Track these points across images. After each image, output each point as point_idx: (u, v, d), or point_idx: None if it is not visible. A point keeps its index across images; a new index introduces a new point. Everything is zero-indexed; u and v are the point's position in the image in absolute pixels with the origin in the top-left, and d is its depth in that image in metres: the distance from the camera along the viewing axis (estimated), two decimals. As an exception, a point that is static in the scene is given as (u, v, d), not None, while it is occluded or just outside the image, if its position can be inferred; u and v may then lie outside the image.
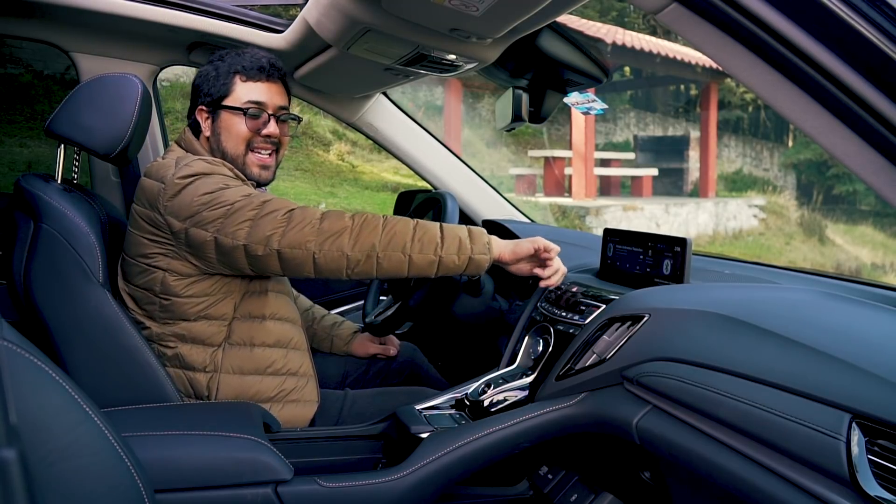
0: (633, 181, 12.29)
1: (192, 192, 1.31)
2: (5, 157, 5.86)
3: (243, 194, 1.31)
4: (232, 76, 1.46)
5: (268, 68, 1.47)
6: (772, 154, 15.70)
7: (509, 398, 1.40)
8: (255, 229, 1.27)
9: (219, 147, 1.46)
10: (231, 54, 1.48)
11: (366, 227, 1.27)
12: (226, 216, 1.28)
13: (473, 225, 2.25)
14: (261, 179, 1.49)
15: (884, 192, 0.81)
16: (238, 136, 1.45)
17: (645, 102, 15.60)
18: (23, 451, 0.59)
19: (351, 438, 1.43)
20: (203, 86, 1.47)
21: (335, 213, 1.29)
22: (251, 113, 1.45)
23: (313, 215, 1.28)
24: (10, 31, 1.85)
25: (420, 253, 1.28)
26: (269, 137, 1.47)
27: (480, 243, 1.33)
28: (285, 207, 1.29)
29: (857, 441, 0.79)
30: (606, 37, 10.70)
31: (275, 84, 1.48)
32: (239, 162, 1.46)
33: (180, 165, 1.36)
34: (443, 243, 1.30)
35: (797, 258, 11.09)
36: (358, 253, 1.26)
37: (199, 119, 1.49)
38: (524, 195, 10.72)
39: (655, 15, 0.91)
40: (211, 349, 1.41)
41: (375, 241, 1.26)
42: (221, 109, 1.46)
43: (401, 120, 2.22)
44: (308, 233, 1.25)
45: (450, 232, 1.31)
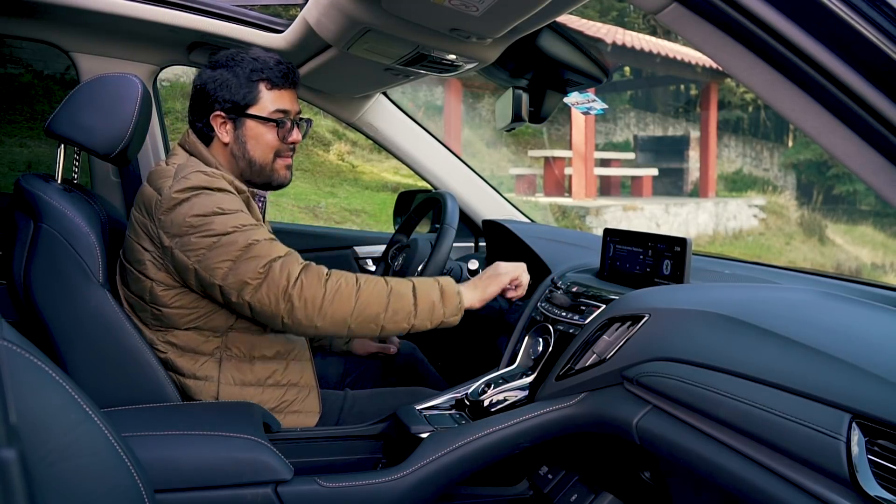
0: (633, 181, 12.29)
1: (186, 210, 1.29)
2: (5, 157, 5.86)
3: (233, 226, 1.29)
4: (256, 84, 1.42)
5: (291, 76, 1.45)
6: (772, 154, 15.70)
7: (509, 398, 1.40)
8: (232, 272, 1.27)
9: (244, 155, 1.44)
10: (246, 58, 1.43)
11: (339, 297, 1.26)
12: (209, 248, 1.28)
13: (474, 225, 2.27)
14: (286, 180, 1.49)
15: (884, 192, 0.81)
16: (267, 145, 1.44)
17: (645, 102, 15.60)
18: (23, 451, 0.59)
19: (351, 438, 1.43)
20: (220, 91, 1.41)
21: (313, 275, 1.27)
22: (281, 122, 1.43)
23: (290, 274, 1.26)
24: (10, 31, 1.85)
25: (392, 322, 1.30)
26: (294, 144, 1.48)
27: (452, 305, 1.35)
28: (267, 257, 1.27)
29: (857, 441, 0.79)
30: (606, 37, 10.69)
31: (294, 90, 1.48)
32: (267, 169, 1.45)
33: (179, 177, 1.34)
34: (416, 311, 1.31)
35: (797, 258, 11.08)
36: (328, 325, 1.27)
37: (213, 125, 1.43)
38: (524, 195, 10.72)
39: (655, 15, 0.91)
40: (203, 358, 1.40)
41: (347, 314, 1.27)
42: (247, 118, 1.42)
43: (401, 120, 2.22)
44: (280, 295, 1.25)
45: (423, 297, 1.32)
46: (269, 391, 1.43)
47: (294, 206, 7.83)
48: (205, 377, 1.40)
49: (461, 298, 1.36)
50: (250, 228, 1.30)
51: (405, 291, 1.31)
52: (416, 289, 1.33)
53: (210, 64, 1.45)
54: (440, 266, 1.52)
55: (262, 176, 1.46)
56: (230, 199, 1.33)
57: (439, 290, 1.34)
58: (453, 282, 1.38)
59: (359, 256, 2.33)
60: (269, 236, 1.32)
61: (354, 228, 7.38)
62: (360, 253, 2.33)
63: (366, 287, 1.29)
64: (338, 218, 8.05)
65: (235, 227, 1.29)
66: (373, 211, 8.39)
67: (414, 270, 1.60)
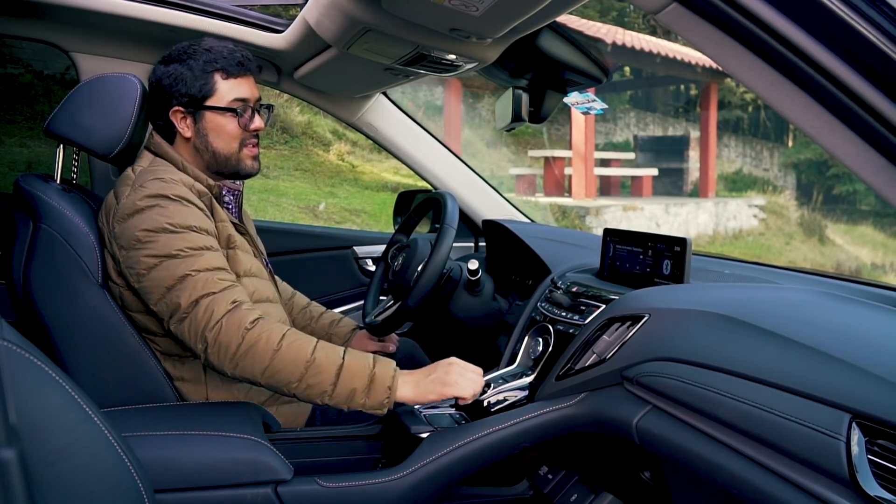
0: (633, 181, 12.29)
1: (136, 223, 1.28)
2: (5, 157, 5.86)
3: (177, 249, 1.26)
4: (211, 74, 1.40)
5: (245, 62, 1.43)
6: (772, 154, 15.70)
7: (509, 398, 1.40)
8: (164, 300, 1.26)
9: (207, 148, 1.42)
10: (199, 50, 1.41)
11: (253, 352, 1.21)
12: (149, 270, 1.26)
13: (474, 225, 2.26)
14: (254, 170, 1.47)
15: (884, 192, 0.81)
16: (229, 135, 1.42)
17: (645, 102, 15.60)
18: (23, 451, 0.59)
19: (351, 438, 1.43)
20: (176, 86, 1.39)
21: (233, 321, 1.22)
22: (239, 111, 1.42)
23: (213, 315, 1.22)
24: (10, 31, 1.84)
25: (304, 393, 1.24)
26: (256, 132, 1.46)
27: (377, 398, 1.24)
28: (198, 292, 1.24)
29: (857, 441, 0.79)
30: (606, 37, 10.70)
31: (251, 76, 1.46)
32: (233, 160, 1.44)
33: (136, 185, 1.32)
34: (332, 391, 1.22)
35: (797, 258, 11.08)
36: (240, 374, 1.24)
37: (173, 121, 1.41)
38: (524, 195, 10.72)
39: (655, 15, 0.91)
40: (187, 361, 1.40)
41: (258, 372, 1.22)
42: (206, 110, 1.41)
43: (401, 120, 2.22)
44: (198, 335, 1.23)
45: (346, 380, 1.23)
46: (257, 388, 1.43)
47: (294, 206, 7.83)
48: (192, 379, 1.40)
49: (391, 394, 1.24)
50: (194, 254, 1.27)
51: (328, 367, 1.23)
52: (342, 368, 1.23)
53: (163, 59, 1.43)
54: (440, 266, 1.52)
55: (229, 166, 1.44)
56: (184, 213, 1.30)
57: (368, 379, 1.24)
58: (391, 373, 1.26)
59: (359, 256, 2.33)
60: (211, 265, 1.27)
61: (354, 228, 7.38)
62: (359, 253, 2.33)
63: (286, 350, 1.22)
64: (338, 218, 8.05)
65: (179, 251, 1.26)
66: (373, 211, 8.39)
67: (414, 270, 1.59)
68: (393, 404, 1.26)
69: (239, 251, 1.41)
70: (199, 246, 1.28)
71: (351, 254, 2.32)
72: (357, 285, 2.31)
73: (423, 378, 1.29)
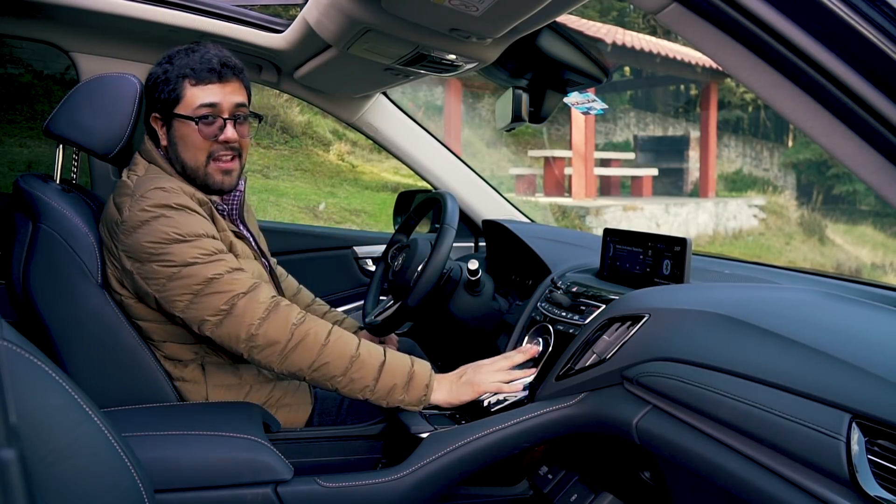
0: (633, 181, 12.29)
1: (144, 235, 1.25)
2: (5, 157, 5.86)
3: (193, 256, 1.24)
4: (181, 80, 1.33)
5: (218, 68, 1.34)
6: (772, 154, 15.70)
7: (509, 398, 1.40)
8: (192, 306, 1.24)
9: (177, 159, 1.37)
10: (181, 55, 1.35)
11: (301, 348, 1.24)
12: (169, 279, 1.25)
13: (474, 225, 2.26)
14: (224, 186, 1.39)
15: (884, 192, 0.81)
16: (195, 146, 1.34)
17: (645, 102, 15.60)
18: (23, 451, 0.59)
19: (351, 438, 1.43)
20: (153, 91, 1.35)
21: (280, 316, 1.23)
22: (204, 120, 1.33)
23: (254, 312, 1.22)
24: (10, 31, 1.85)
25: (347, 388, 1.27)
26: (227, 143, 1.36)
27: (415, 396, 1.29)
28: (230, 292, 1.23)
29: (857, 441, 0.79)
30: (606, 37, 10.70)
31: (229, 83, 1.36)
32: (200, 173, 1.36)
33: (137, 196, 1.28)
34: (374, 386, 1.27)
35: (797, 258, 11.08)
36: (285, 370, 1.26)
37: (154, 127, 1.38)
38: (524, 195, 10.72)
39: (655, 15, 0.91)
40: (187, 364, 1.40)
41: (305, 366, 1.25)
42: (174, 118, 1.35)
43: (401, 120, 2.22)
44: (241, 336, 1.23)
45: (387, 377, 1.27)
46: (256, 388, 1.43)
47: (294, 206, 7.83)
48: (192, 380, 1.40)
49: (428, 393, 1.30)
50: (211, 260, 1.25)
51: (371, 364, 1.27)
52: (384, 365, 1.27)
53: (157, 62, 1.39)
54: (440, 266, 1.52)
55: (197, 179, 1.37)
56: (190, 221, 1.27)
57: (407, 377, 1.29)
58: (428, 372, 1.31)
59: (359, 256, 2.33)
60: (232, 266, 1.27)
61: (354, 228, 7.38)
62: (359, 253, 2.33)
63: (333, 345, 1.25)
64: (338, 218, 8.05)
65: (196, 258, 1.24)
66: (373, 211, 8.39)
67: (414, 270, 1.59)
68: (426, 404, 1.31)
69: (241, 259, 1.39)
70: (214, 250, 1.27)
71: (351, 254, 2.32)
72: (357, 285, 2.31)
73: (455, 380, 1.35)
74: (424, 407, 1.32)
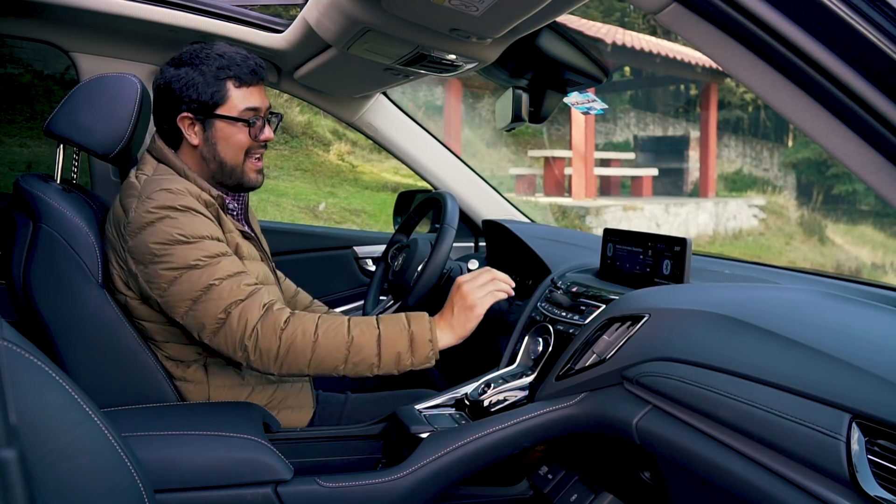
0: (633, 181, 12.29)
1: (149, 236, 1.26)
2: (5, 157, 5.86)
3: (195, 259, 1.25)
4: (224, 82, 1.36)
5: (259, 70, 1.39)
6: (772, 154, 15.70)
7: (509, 398, 1.40)
8: (192, 313, 1.25)
9: (215, 157, 1.39)
10: (211, 55, 1.36)
11: (294, 350, 1.23)
12: (171, 283, 1.25)
13: (474, 225, 2.26)
14: (256, 184, 1.44)
15: (884, 192, 0.81)
16: (238, 145, 1.39)
17: (645, 102, 15.59)
18: (23, 451, 0.59)
19: (351, 438, 1.43)
20: (186, 91, 1.35)
21: (269, 326, 1.23)
22: (251, 121, 1.38)
23: (247, 323, 1.23)
24: (10, 31, 1.85)
25: (353, 371, 1.27)
26: (265, 142, 1.43)
27: (422, 354, 1.28)
28: (227, 300, 1.23)
29: (857, 441, 0.79)
30: (606, 37, 10.70)
31: (263, 85, 1.42)
32: (238, 171, 1.41)
33: (143, 197, 1.29)
34: (379, 361, 1.27)
35: (797, 258, 11.08)
36: (286, 373, 1.27)
37: (181, 127, 1.37)
38: (524, 195, 10.71)
39: (655, 15, 0.91)
40: (190, 365, 1.40)
41: (303, 365, 1.25)
42: (216, 119, 1.37)
43: (401, 120, 2.22)
44: (237, 344, 1.24)
45: (388, 347, 1.27)
46: (259, 390, 1.43)
47: (294, 206, 7.83)
48: (194, 381, 1.40)
49: (434, 345, 1.29)
50: (212, 262, 1.26)
51: (368, 343, 1.26)
52: (381, 338, 1.27)
53: (173, 62, 1.38)
54: (440, 266, 1.52)
55: (233, 177, 1.41)
56: (195, 223, 1.28)
57: (408, 339, 1.28)
58: (427, 325, 1.30)
59: (359, 256, 2.33)
60: (232, 270, 1.27)
61: (354, 228, 7.38)
62: (360, 253, 2.33)
63: (324, 338, 1.25)
64: (338, 218, 8.05)
65: (197, 261, 1.25)
66: (373, 211, 8.39)
67: (414, 270, 1.59)
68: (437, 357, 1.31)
69: (246, 261, 1.39)
70: (216, 253, 1.27)
71: (351, 254, 2.32)
72: (357, 285, 2.31)
73: (451, 317, 1.33)
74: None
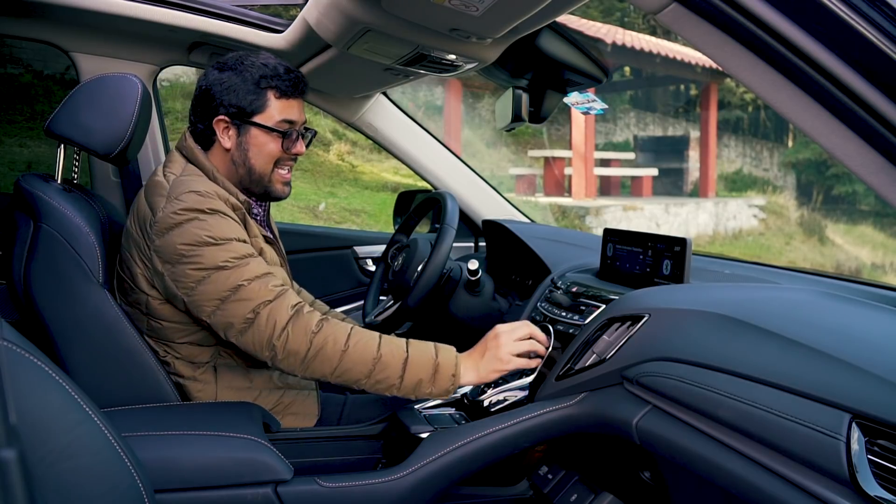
0: (633, 181, 12.29)
1: (177, 237, 1.26)
2: (5, 157, 5.86)
3: (223, 260, 1.25)
4: (265, 91, 1.37)
5: (300, 84, 1.40)
6: (772, 154, 15.70)
7: (509, 398, 1.40)
8: (219, 312, 1.26)
9: (245, 162, 1.39)
10: (256, 63, 1.38)
11: (322, 355, 1.24)
12: (199, 283, 1.26)
13: (474, 225, 2.26)
14: (283, 195, 1.45)
15: (884, 192, 0.81)
16: (269, 154, 1.39)
17: (645, 102, 15.59)
18: (23, 451, 0.59)
19: (351, 438, 1.43)
20: (226, 96, 1.36)
21: (300, 328, 1.24)
22: (286, 134, 1.39)
23: (277, 323, 1.23)
24: (10, 31, 1.85)
25: (373, 388, 1.28)
26: (296, 156, 1.44)
27: (442, 386, 1.29)
28: (255, 300, 1.24)
29: (856, 441, 0.79)
30: (606, 37, 10.70)
31: (301, 100, 1.43)
32: (265, 179, 1.41)
33: (172, 198, 1.30)
34: (400, 384, 1.27)
35: (797, 258, 11.08)
36: (310, 376, 1.27)
37: (216, 129, 1.38)
38: (524, 195, 10.71)
39: (655, 15, 0.91)
40: (200, 366, 1.40)
41: (328, 372, 1.26)
42: (252, 126, 1.38)
43: (401, 120, 2.22)
44: (265, 344, 1.25)
45: (412, 372, 1.27)
46: (266, 394, 1.44)
47: (294, 206, 7.83)
48: (203, 381, 1.40)
49: (456, 380, 1.29)
50: (241, 263, 1.27)
51: (394, 363, 1.26)
52: (407, 362, 1.27)
53: (217, 65, 1.40)
54: (440, 266, 1.52)
55: (260, 186, 1.42)
56: (222, 225, 1.29)
57: (433, 369, 1.28)
58: (454, 360, 1.30)
59: (359, 256, 2.33)
60: (260, 271, 1.28)
61: (354, 228, 7.38)
62: (360, 253, 2.33)
63: (353, 350, 1.25)
64: (338, 218, 8.05)
65: (226, 262, 1.25)
66: (373, 211, 8.39)
67: (414, 270, 1.59)
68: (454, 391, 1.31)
69: (269, 265, 1.39)
70: (244, 254, 1.28)
71: (351, 254, 2.32)
72: (357, 285, 2.32)
73: (480, 359, 1.33)
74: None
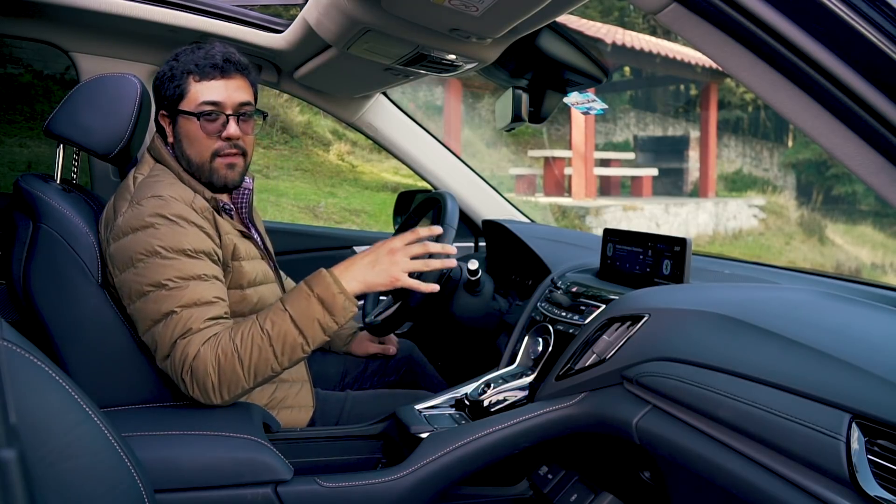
0: (633, 181, 12.29)
1: (130, 243, 1.26)
2: (5, 157, 5.86)
3: (165, 278, 1.24)
4: (186, 77, 1.33)
5: (221, 64, 1.33)
6: (772, 154, 15.70)
7: (509, 398, 1.40)
8: (149, 333, 1.26)
9: (183, 155, 1.37)
10: (187, 52, 1.36)
11: (226, 377, 1.22)
12: (138, 298, 1.26)
13: (474, 225, 2.26)
14: (228, 181, 1.38)
15: (884, 192, 0.81)
16: (198, 142, 1.35)
17: (645, 102, 15.59)
18: (23, 451, 0.59)
19: (351, 438, 1.43)
20: (161, 87, 1.36)
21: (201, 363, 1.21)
22: (207, 116, 1.33)
23: (188, 358, 1.21)
24: (10, 31, 1.85)
25: (289, 360, 1.26)
26: (230, 140, 1.35)
27: (339, 311, 1.26)
28: (179, 331, 1.22)
29: (856, 441, 0.79)
30: (606, 37, 10.70)
31: (232, 79, 1.35)
32: (205, 170, 1.36)
33: (133, 202, 1.29)
34: (305, 338, 1.25)
35: (797, 258, 11.08)
36: (231, 398, 1.26)
37: (162, 124, 1.39)
38: (524, 195, 10.71)
39: (655, 15, 0.91)
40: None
41: (243, 384, 1.24)
42: (179, 114, 1.35)
43: (401, 120, 2.22)
44: (178, 378, 1.23)
45: (304, 319, 1.24)
46: (258, 390, 1.42)
47: (294, 206, 7.83)
48: None
49: (346, 295, 1.27)
50: (181, 286, 1.24)
51: (285, 327, 1.24)
52: (294, 318, 1.24)
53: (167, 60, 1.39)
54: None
55: (203, 176, 1.37)
56: (178, 235, 1.26)
57: (318, 303, 1.25)
58: (328, 280, 1.27)
59: (359, 256, 2.32)
60: (196, 297, 1.24)
61: (354, 228, 7.38)
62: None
63: (243, 350, 1.22)
64: (338, 218, 8.05)
65: (168, 280, 1.24)
66: (373, 211, 8.39)
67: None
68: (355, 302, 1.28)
69: (244, 262, 1.39)
70: (189, 275, 1.26)
71: (351, 254, 2.32)
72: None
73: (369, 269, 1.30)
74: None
